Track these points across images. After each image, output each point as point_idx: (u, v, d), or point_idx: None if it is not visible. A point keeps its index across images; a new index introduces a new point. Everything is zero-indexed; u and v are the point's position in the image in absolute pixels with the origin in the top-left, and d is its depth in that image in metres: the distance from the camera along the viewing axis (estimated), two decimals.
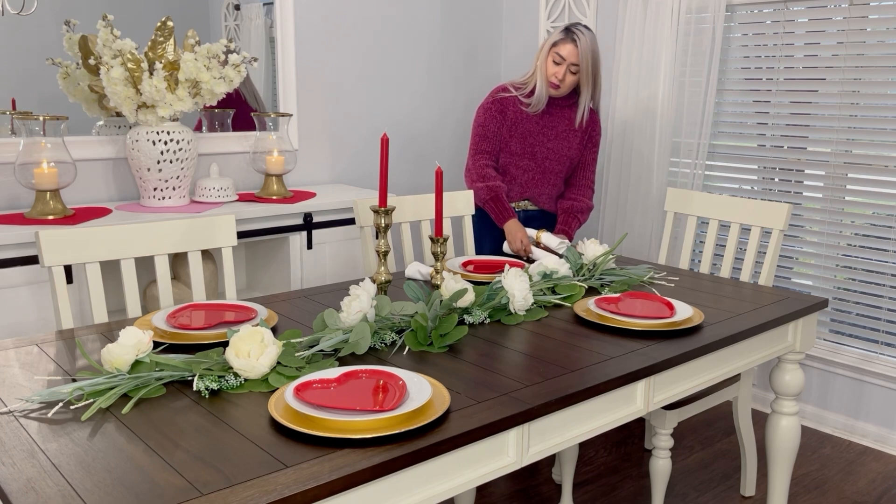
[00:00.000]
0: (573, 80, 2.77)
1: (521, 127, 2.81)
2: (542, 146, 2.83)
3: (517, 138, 2.81)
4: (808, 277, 3.22)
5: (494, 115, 2.81)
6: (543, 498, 2.61)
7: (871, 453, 2.98)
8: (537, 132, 2.82)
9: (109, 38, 2.59)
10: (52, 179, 2.54)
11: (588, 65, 2.73)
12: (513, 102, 2.82)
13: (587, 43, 2.71)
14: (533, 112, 2.81)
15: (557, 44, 2.73)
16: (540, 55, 2.80)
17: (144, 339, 1.48)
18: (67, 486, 1.09)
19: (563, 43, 2.72)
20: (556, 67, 2.73)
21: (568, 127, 2.85)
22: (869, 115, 2.95)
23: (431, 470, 1.28)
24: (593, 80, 2.78)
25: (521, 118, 2.81)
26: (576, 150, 2.88)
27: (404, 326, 1.75)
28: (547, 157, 2.83)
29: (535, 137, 2.82)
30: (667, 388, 1.75)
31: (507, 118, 2.81)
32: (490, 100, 2.84)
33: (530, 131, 2.81)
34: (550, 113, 2.84)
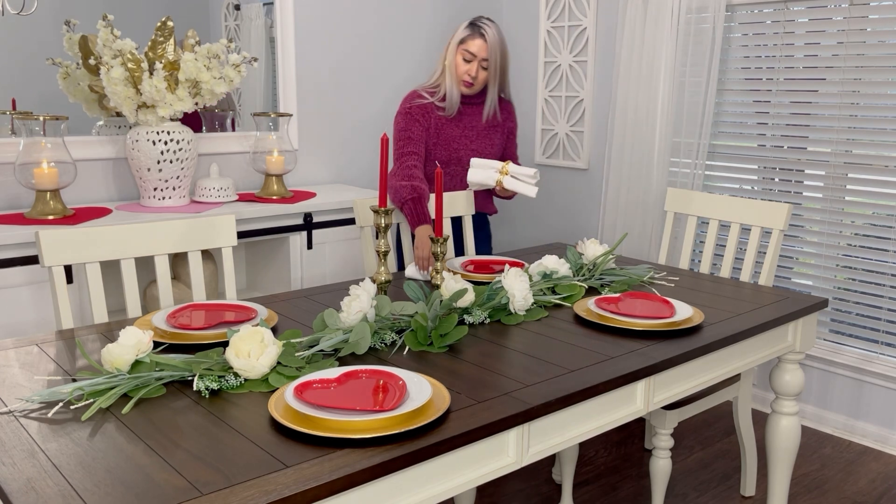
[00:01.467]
0: (486, 76, 2.66)
1: (444, 133, 2.68)
2: (467, 149, 2.71)
3: (441, 146, 2.69)
4: (808, 277, 3.22)
5: (417, 118, 2.65)
6: (543, 498, 2.61)
7: (871, 453, 2.98)
8: (459, 136, 2.70)
9: (109, 38, 2.59)
10: (52, 179, 2.54)
11: (497, 58, 2.63)
12: (431, 109, 2.67)
13: (495, 36, 2.61)
14: (449, 115, 2.68)
15: (465, 40, 2.61)
16: (447, 54, 2.67)
17: (144, 339, 1.48)
18: (67, 486, 1.09)
19: (471, 39, 2.61)
20: (466, 65, 2.62)
21: (487, 124, 2.76)
22: (869, 115, 2.95)
23: (431, 470, 1.28)
24: (501, 72, 2.68)
25: (441, 124, 2.68)
26: (500, 146, 2.80)
27: (404, 326, 1.75)
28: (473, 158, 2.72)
29: (459, 142, 2.70)
30: (667, 388, 1.75)
31: (430, 125, 2.66)
32: (408, 106, 2.67)
33: (453, 136, 2.69)
34: (467, 113, 2.73)
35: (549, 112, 3.96)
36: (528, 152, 4.10)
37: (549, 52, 3.91)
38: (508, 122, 2.82)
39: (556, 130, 3.94)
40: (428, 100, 2.68)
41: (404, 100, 2.71)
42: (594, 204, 3.82)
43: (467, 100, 2.72)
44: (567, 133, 3.89)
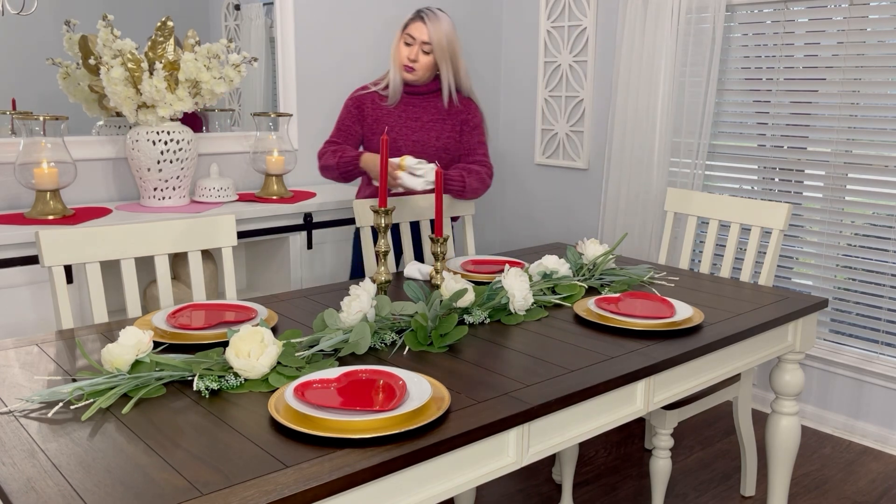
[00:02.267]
0: (428, 61, 2.59)
1: (382, 123, 2.64)
2: (407, 139, 2.64)
3: (378, 135, 2.63)
4: (808, 277, 3.22)
5: (351, 110, 2.67)
6: (543, 498, 2.61)
7: (871, 453, 2.98)
8: (399, 126, 2.64)
9: (109, 38, 2.59)
10: (52, 179, 2.54)
11: (443, 44, 2.57)
12: (371, 99, 2.66)
13: (438, 23, 2.57)
14: (392, 104, 2.64)
15: (407, 25, 2.60)
16: (393, 44, 2.66)
17: (144, 339, 1.48)
18: (67, 486, 1.09)
19: (413, 23, 2.59)
20: (407, 49, 2.58)
21: (435, 116, 2.67)
22: (869, 115, 2.95)
23: (431, 470, 1.28)
24: (451, 59, 2.61)
25: (381, 114, 2.64)
26: (449, 140, 2.68)
27: (404, 326, 1.75)
28: (413, 150, 2.64)
29: (398, 131, 2.64)
30: (667, 388, 1.75)
31: (366, 115, 2.65)
32: (350, 97, 2.71)
33: (391, 126, 2.64)
34: (413, 104, 2.66)
35: (549, 112, 3.96)
36: (529, 152, 4.10)
37: (549, 52, 3.91)
38: (463, 115, 2.71)
39: (556, 130, 3.94)
40: (371, 90, 2.67)
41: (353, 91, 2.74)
42: (594, 204, 3.82)
43: (416, 90, 2.66)
44: (567, 133, 3.89)
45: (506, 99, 4.18)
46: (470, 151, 2.72)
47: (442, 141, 2.67)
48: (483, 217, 4.21)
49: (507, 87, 4.17)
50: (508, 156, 4.22)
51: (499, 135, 4.24)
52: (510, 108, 4.17)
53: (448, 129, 2.68)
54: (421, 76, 2.61)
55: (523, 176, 4.15)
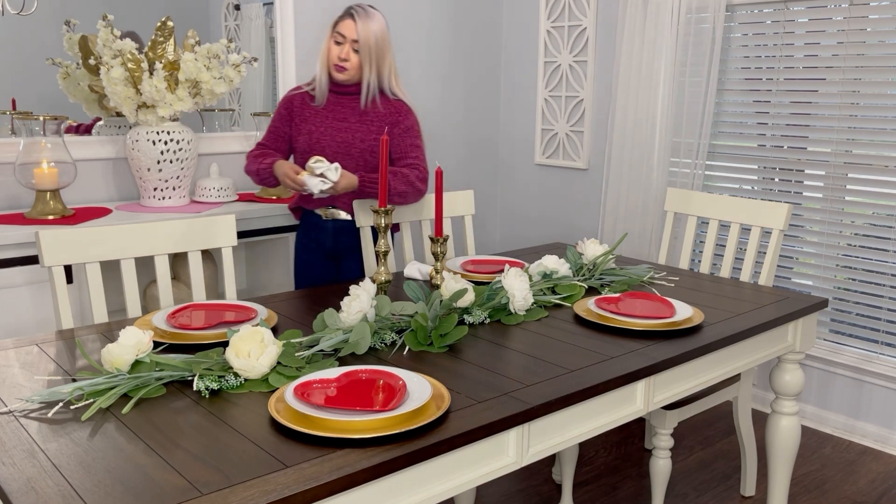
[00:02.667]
0: (359, 61, 2.46)
1: (308, 123, 2.53)
2: (331, 139, 2.50)
3: (303, 134, 2.52)
4: (808, 277, 3.22)
5: (280, 111, 2.58)
6: (543, 498, 2.61)
7: (871, 453, 2.98)
8: (324, 126, 2.51)
9: (109, 38, 2.59)
10: (52, 179, 2.54)
11: (370, 44, 2.44)
12: (301, 98, 2.56)
13: (369, 21, 2.44)
14: (320, 104, 2.53)
15: (337, 23, 2.47)
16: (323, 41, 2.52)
17: (144, 339, 1.48)
18: (67, 486, 1.09)
19: (342, 20, 2.46)
20: (338, 48, 2.46)
21: (362, 117, 2.51)
22: (869, 115, 2.95)
23: (431, 470, 1.28)
24: (377, 60, 2.47)
25: (309, 114, 2.53)
26: (375, 142, 2.51)
27: (404, 326, 1.75)
28: (339, 151, 2.48)
29: (322, 132, 2.51)
30: (667, 388, 1.75)
31: (294, 115, 2.55)
32: (282, 98, 2.62)
33: (316, 126, 2.52)
34: (341, 104, 2.53)
35: (549, 112, 3.96)
36: (529, 152, 4.10)
37: (549, 52, 3.91)
38: (393, 117, 2.52)
39: (556, 130, 3.94)
40: (302, 90, 2.58)
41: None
42: (594, 204, 3.82)
43: (345, 90, 2.52)
44: (567, 133, 3.89)
45: (506, 99, 4.18)
46: (402, 155, 2.53)
47: (367, 143, 2.50)
48: (483, 217, 4.21)
49: (507, 87, 4.17)
50: (508, 156, 4.22)
51: (499, 135, 4.24)
52: (510, 108, 4.17)
53: (375, 131, 2.51)
54: (353, 76, 2.48)
55: (523, 176, 4.15)
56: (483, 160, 4.19)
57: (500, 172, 4.27)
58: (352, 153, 2.49)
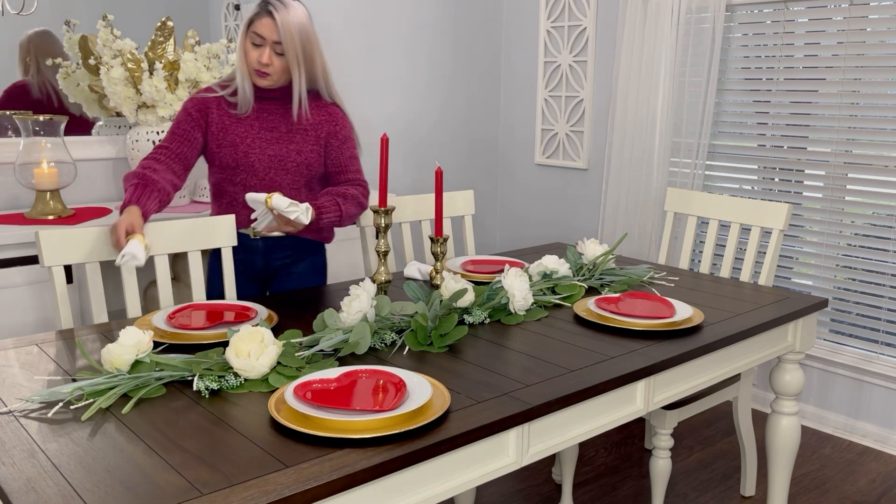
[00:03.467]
0: (284, 64, 2.13)
1: (231, 134, 2.17)
2: (262, 153, 2.17)
3: (227, 147, 2.17)
4: (808, 277, 3.22)
5: (192, 114, 2.16)
6: (543, 498, 2.61)
7: (871, 453, 2.98)
8: (252, 138, 2.17)
9: (109, 38, 2.59)
10: (52, 179, 2.54)
11: (294, 44, 2.10)
12: (217, 104, 2.19)
13: (289, 15, 2.10)
14: (243, 114, 2.18)
15: (253, 21, 2.11)
16: (238, 42, 2.16)
17: (144, 339, 1.48)
18: (67, 486, 1.09)
19: (259, 19, 2.10)
20: (257, 51, 2.11)
21: (295, 126, 2.21)
22: (869, 115, 2.95)
23: (431, 470, 1.28)
24: (305, 60, 2.15)
25: (230, 123, 2.18)
26: (312, 154, 2.22)
27: (404, 326, 1.75)
28: (271, 166, 2.18)
29: (250, 144, 2.17)
30: (667, 388, 1.75)
31: (211, 122, 2.18)
32: (189, 98, 2.21)
33: (242, 138, 2.17)
34: (268, 111, 2.20)
35: (548, 112, 3.96)
36: (529, 152, 4.10)
37: (549, 52, 3.91)
38: (329, 126, 2.24)
39: (555, 130, 3.94)
40: (217, 93, 2.20)
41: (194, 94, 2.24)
42: (594, 204, 3.82)
43: (269, 95, 2.20)
44: (567, 133, 3.89)
45: (506, 99, 4.18)
46: (341, 169, 2.27)
47: (304, 155, 2.21)
48: (483, 217, 4.21)
49: (507, 87, 4.17)
50: (508, 156, 4.22)
51: (499, 135, 4.24)
52: (510, 108, 4.17)
53: (311, 142, 2.23)
54: (278, 80, 2.16)
55: (523, 176, 4.15)
56: (483, 160, 4.19)
57: (500, 172, 4.27)
58: (287, 167, 2.20)
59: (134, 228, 1.89)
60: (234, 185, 2.20)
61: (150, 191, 2.01)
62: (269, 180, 2.19)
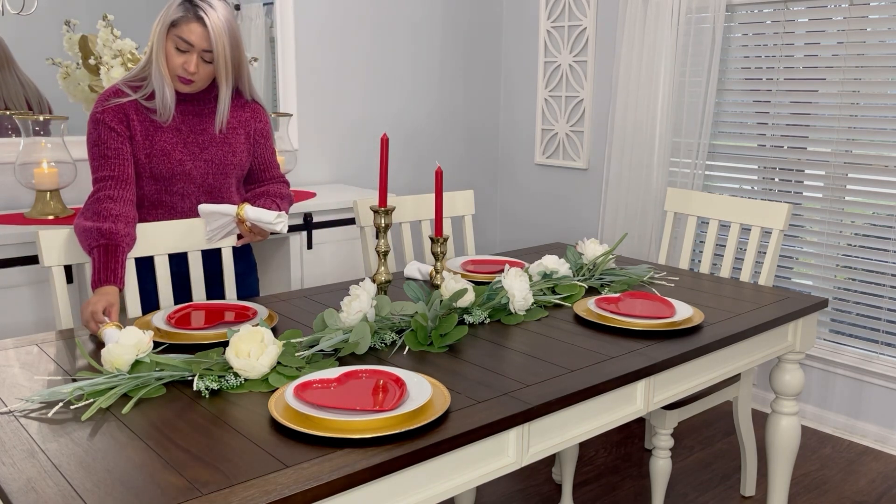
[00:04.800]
0: (210, 71, 1.99)
1: (159, 142, 2.00)
2: (198, 160, 2.04)
3: (158, 157, 2.00)
4: (808, 277, 3.22)
5: (113, 127, 1.96)
6: (543, 498, 2.61)
7: (871, 453, 2.98)
8: (183, 145, 2.03)
9: (109, 38, 2.59)
10: (52, 179, 2.54)
11: (225, 50, 1.95)
12: (135, 110, 1.99)
13: (219, 20, 1.93)
14: (165, 121, 2.01)
15: (178, 23, 1.93)
16: (154, 41, 1.97)
17: (144, 339, 1.48)
18: (67, 486, 1.09)
19: (186, 23, 1.93)
20: (182, 56, 1.94)
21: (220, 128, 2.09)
22: (869, 115, 2.95)
23: (431, 470, 1.28)
24: (235, 69, 2.02)
25: (154, 130, 2.00)
26: (244, 154, 2.14)
27: (404, 326, 1.75)
28: (209, 172, 2.07)
29: (183, 152, 2.03)
30: (667, 388, 1.75)
31: (134, 132, 1.99)
32: (100, 109, 1.97)
33: (173, 145, 2.02)
34: (192, 113, 2.06)
35: (548, 112, 3.96)
36: (529, 152, 4.10)
37: (549, 52, 3.91)
38: (255, 123, 2.16)
39: (555, 130, 3.94)
40: (130, 96, 1.99)
41: (99, 99, 2.00)
42: (594, 204, 3.82)
43: (195, 98, 2.06)
44: (567, 133, 3.89)
45: (506, 99, 4.18)
46: (266, 166, 2.22)
47: (238, 156, 2.11)
48: (483, 217, 4.21)
49: (507, 87, 4.17)
50: (508, 156, 4.22)
51: (499, 135, 4.24)
52: (510, 108, 4.17)
53: (242, 141, 2.13)
54: (201, 87, 2.03)
55: (523, 176, 4.15)
56: (483, 160, 4.19)
57: (500, 172, 4.27)
58: (225, 171, 2.09)
59: (111, 313, 1.72)
60: (172, 195, 2.06)
61: (119, 253, 1.84)
62: (208, 186, 2.08)
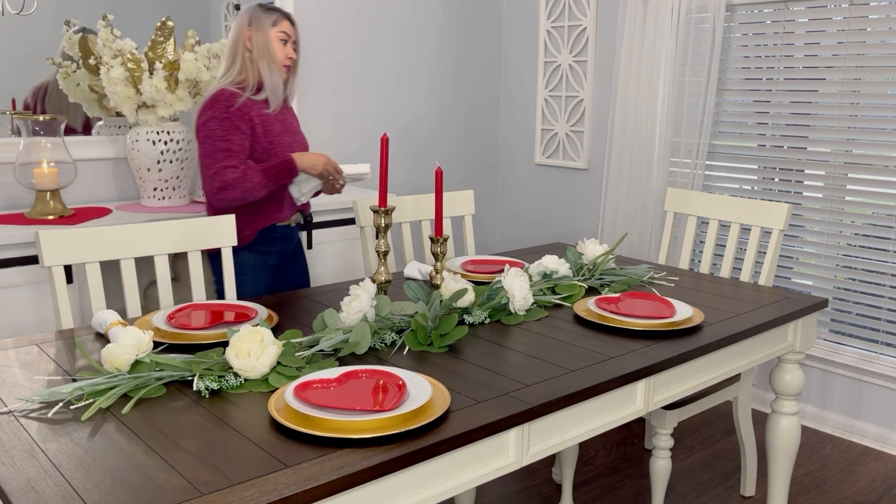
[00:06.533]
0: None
1: (274, 131, 2.33)
2: (293, 141, 2.40)
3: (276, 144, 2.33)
4: (808, 277, 3.22)
5: (239, 125, 2.24)
6: (543, 498, 2.61)
7: (871, 453, 2.98)
8: (283, 132, 2.36)
9: (109, 38, 2.59)
10: (52, 179, 2.54)
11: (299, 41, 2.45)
12: (249, 107, 2.29)
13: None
14: (274, 111, 2.34)
15: (277, 22, 2.33)
16: (254, 43, 2.31)
17: (144, 339, 1.48)
18: (67, 486, 1.09)
19: (281, 20, 2.34)
20: (284, 47, 2.35)
21: (293, 116, 2.49)
22: (869, 115, 2.95)
23: (431, 470, 1.28)
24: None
25: (268, 121, 2.32)
26: None
27: (404, 326, 1.75)
28: (298, 149, 2.42)
29: (292, 138, 2.39)
30: (667, 388, 1.75)
31: (255, 126, 2.29)
32: (224, 108, 2.24)
33: (281, 133, 2.35)
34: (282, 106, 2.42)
35: (548, 112, 3.96)
36: (529, 152, 4.10)
37: (549, 52, 3.91)
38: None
39: (555, 130, 3.94)
40: (243, 96, 2.28)
41: (215, 101, 2.25)
42: (594, 204, 3.82)
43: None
44: (567, 133, 3.89)
45: (506, 99, 4.18)
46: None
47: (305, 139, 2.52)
48: (483, 217, 4.21)
49: (507, 87, 4.17)
50: (508, 156, 4.22)
51: (499, 135, 4.24)
52: (510, 108, 4.17)
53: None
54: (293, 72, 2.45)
55: (523, 176, 4.15)
56: (483, 160, 4.19)
57: (500, 172, 4.27)
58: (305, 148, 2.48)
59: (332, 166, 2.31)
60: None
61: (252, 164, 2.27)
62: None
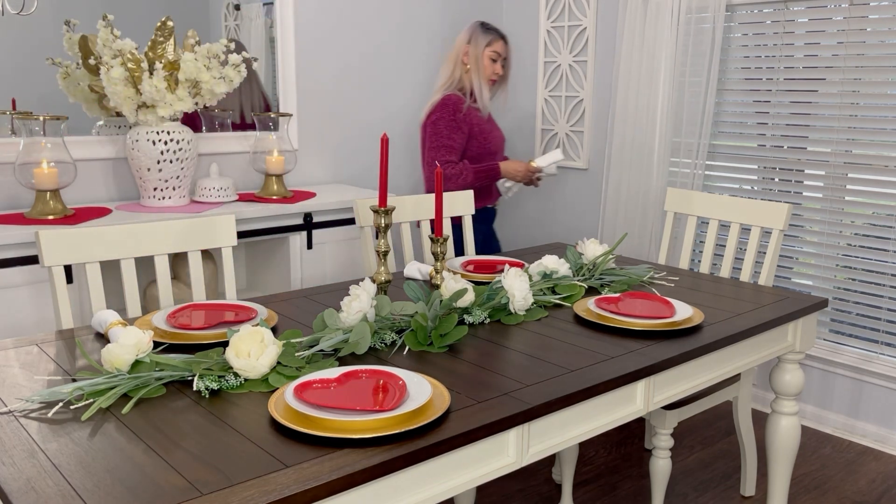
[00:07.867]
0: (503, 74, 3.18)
1: (481, 131, 3.06)
2: (494, 138, 3.14)
3: (491, 142, 3.10)
4: (808, 277, 3.22)
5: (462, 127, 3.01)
6: (543, 498, 2.61)
7: (871, 453, 2.98)
8: (495, 130, 3.17)
9: (109, 38, 2.59)
10: (52, 179, 2.54)
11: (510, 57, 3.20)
12: (471, 113, 3.05)
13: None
14: (484, 114, 3.11)
15: (491, 43, 3.07)
16: (469, 58, 3.06)
17: (144, 339, 1.48)
18: (67, 486, 1.09)
19: (495, 41, 3.08)
20: (493, 65, 3.09)
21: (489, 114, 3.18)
22: (869, 115, 2.95)
23: (431, 470, 1.28)
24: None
25: (479, 123, 3.06)
26: None
27: (404, 326, 1.75)
28: (501, 147, 3.21)
29: (497, 138, 3.16)
30: (667, 388, 1.75)
31: (473, 126, 3.04)
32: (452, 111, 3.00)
33: (486, 130, 3.09)
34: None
35: (549, 112, 3.96)
36: (529, 152, 4.10)
37: (549, 52, 3.91)
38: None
39: (555, 130, 3.94)
40: (467, 103, 3.03)
41: (444, 105, 3.00)
42: (594, 204, 3.82)
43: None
44: (567, 133, 3.89)
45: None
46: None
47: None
48: None
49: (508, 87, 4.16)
50: (508, 156, 4.21)
51: None
52: (510, 108, 4.16)
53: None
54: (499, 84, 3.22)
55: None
56: None
57: None
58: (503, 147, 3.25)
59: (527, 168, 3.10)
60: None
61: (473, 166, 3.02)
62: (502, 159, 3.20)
